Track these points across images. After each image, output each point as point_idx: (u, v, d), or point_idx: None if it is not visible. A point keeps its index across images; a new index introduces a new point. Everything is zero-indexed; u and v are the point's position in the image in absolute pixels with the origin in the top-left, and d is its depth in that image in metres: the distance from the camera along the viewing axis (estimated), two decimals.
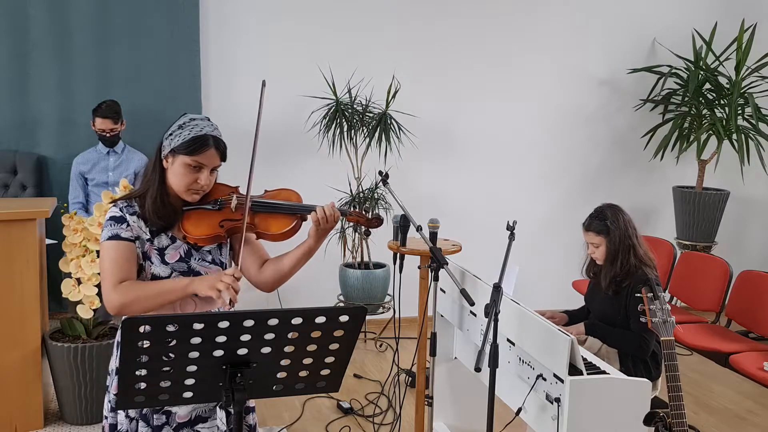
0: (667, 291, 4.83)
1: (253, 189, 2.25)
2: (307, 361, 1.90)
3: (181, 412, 2.22)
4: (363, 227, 2.37)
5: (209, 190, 2.26)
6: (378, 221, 2.37)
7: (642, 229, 3.43)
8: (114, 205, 2.22)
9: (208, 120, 2.25)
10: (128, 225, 2.18)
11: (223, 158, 2.24)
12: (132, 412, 2.21)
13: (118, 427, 2.22)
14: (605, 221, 3.32)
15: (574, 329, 3.31)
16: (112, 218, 2.19)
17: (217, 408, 2.25)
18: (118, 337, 2.30)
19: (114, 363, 2.28)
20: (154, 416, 2.21)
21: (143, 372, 1.77)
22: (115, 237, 2.16)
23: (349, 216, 2.35)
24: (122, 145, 4.86)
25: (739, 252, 6.16)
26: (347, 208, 2.32)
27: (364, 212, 2.34)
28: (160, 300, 2.13)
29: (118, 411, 2.23)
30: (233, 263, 2.33)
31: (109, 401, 2.26)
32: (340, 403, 4.20)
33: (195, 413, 2.24)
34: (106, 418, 2.27)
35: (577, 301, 3.73)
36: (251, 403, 2.39)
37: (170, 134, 2.21)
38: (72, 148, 4.98)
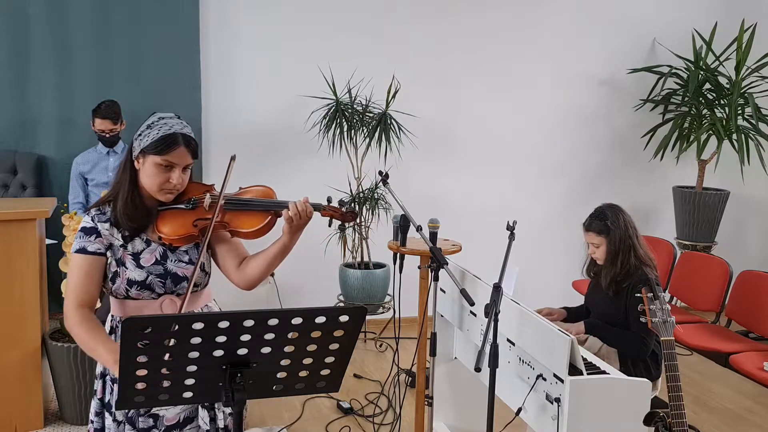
0: (667, 291, 4.83)
1: (230, 187, 2.23)
2: (307, 361, 1.89)
3: (169, 415, 2.21)
4: (338, 221, 2.34)
5: (183, 189, 2.24)
6: (352, 215, 2.32)
7: (642, 229, 3.43)
8: (86, 215, 2.21)
9: (178, 118, 2.22)
10: (98, 236, 2.17)
11: (195, 156, 2.21)
12: (119, 415, 2.20)
13: (105, 431, 2.22)
14: (606, 221, 3.32)
15: (574, 328, 3.31)
16: (82, 229, 2.18)
17: (199, 407, 2.24)
18: None
19: (99, 367, 2.26)
20: (140, 419, 2.20)
21: (143, 372, 1.77)
22: (82, 251, 2.16)
23: (323, 211, 2.30)
24: (122, 145, 4.85)
25: (739, 252, 6.16)
26: (320, 203, 2.30)
27: (339, 205, 2.31)
28: (91, 354, 2.14)
29: (105, 414, 2.22)
30: (212, 262, 2.33)
31: (95, 405, 2.26)
32: (340, 403, 4.20)
33: (183, 415, 2.23)
34: (92, 422, 2.26)
35: (577, 301, 3.73)
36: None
37: (139, 134, 2.19)
38: (72, 148, 4.97)
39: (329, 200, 2.31)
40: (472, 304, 2.79)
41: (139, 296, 2.19)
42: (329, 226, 2.39)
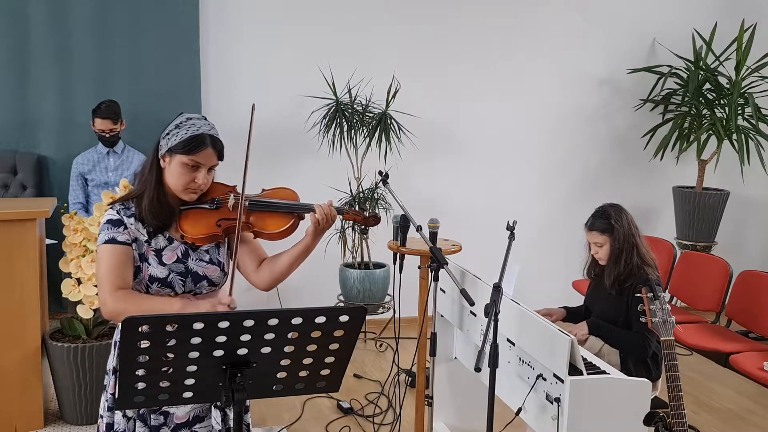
0: (667, 291, 4.83)
1: (251, 188, 2.24)
2: (307, 361, 1.89)
3: (179, 413, 2.23)
4: (360, 225, 2.37)
5: (207, 189, 2.26)
6: (375, 220, 2.37)
7: (642, 229, 3.43)
8: (111, 208, 2.22)
9: (205, 119, 2.25)
10: (125, 228, 2.18)
11: (221, 157, 2.24)
12: (129, 412, 2.21)
13: (115, 427, 2.22)
14: (609, 220, 3.32)
15: (576, 328, 3.30)
16: (109, 221, 2.19)
17: (212, 407, 2.25)
18: (116, 337, 2.30)
19: (111, 362, 2.28)
20: (152, 416, 2.21)
21: (143, 372, 1.77)
22: (112, 241, 2.16)
23: (346, 215, 2.35)
24: (122, 145, 4.86)
25: (739, 252, 6.16)
26: (344, 207, 2.32)
27: (361, 210, 2.34)
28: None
29: (116, 411, 2.23)
30: (230, 264, 2.34)
31: (106, 400, 2.26)
32: (340, 403, 4.20)
33: (193, 413, 2.25)
34: (102, 417, 2.27)
35: (577, 302, 3.73)
36: (246, 402, 2.39)
37: (167, 134, 2.20)
38: (72, 148, 4.97)
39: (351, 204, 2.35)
40: (472, 304, 2.79)
41: (159, 293, 2.20)
42: (352, 230, 2.43)
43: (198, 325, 1.73)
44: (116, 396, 2.07)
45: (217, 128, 2.28)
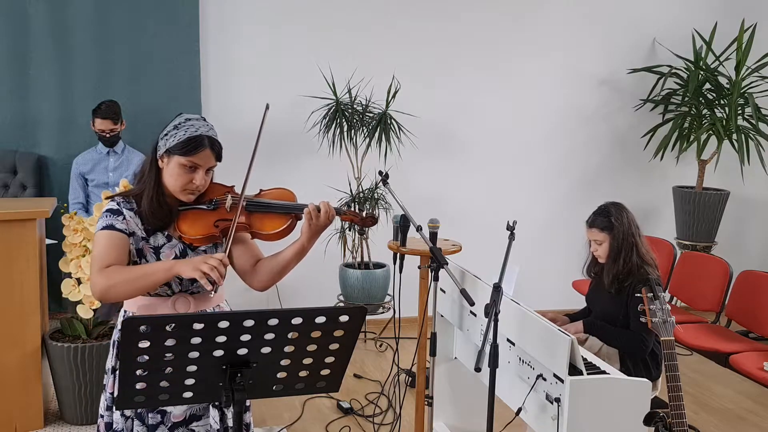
0: (667, 291, 4.83)
1: (249, 189, 2.24)
2: (307, 361, 1.90)
3: (176, 412, 2.23)
4: (357, 226, 2.36)
5: (205, 190, 2.26)
6: (372, 220, 2.36)
7: (642, 229, 3.43)
8: (111, 200, 2.23)
9: (204, 120, 2.25)
10: (124, 218, 2.19)
11: (219, 158, 2.24)
12: (127, 411, 2.21)
13: (114, 426, 2.23)
14: (609, 218, 3.32)
15: (572, 327, 3.31)
16: (108, 210, 2.20)
17: (210, 406, 2.25)
18: (114, 337, 2.30)
19: (110, 362, 2.28)
20: (149, 415, 2.21)
21: (143, 372, 1.77)
22: (110, 227, 2.17)
23: (344, 215, 2.34)
24: (122, 145, 4.85)
25: (739, 252, 6.16)
26: (341, 207, 2.32)
27: (358, 211, 2.33)
28: (144, 282, 2.11)
29: (115, 410, 2.23)
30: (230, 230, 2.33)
31: (105, 400, 2.26)
32: (340, 403, 4.20)
33: (189, 412, 2.25)
34: (102, 416, 2.27)
35: (577, 301, 3.73)
36: (246, 401, 2.39)
37: (165, 134, 2.20)
38: (72, 148, 4.97)
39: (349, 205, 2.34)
40: (472, 304, 2.79)
41: (157, 290, 2.20)
42: (349, 230, 2.43)
43: (198, 325, 1.73)
44: (116, 396, 2.07)
45: (217, 129, 2.28)
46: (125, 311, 2.28)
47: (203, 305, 2.26)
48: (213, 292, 2.09)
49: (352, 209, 2.33)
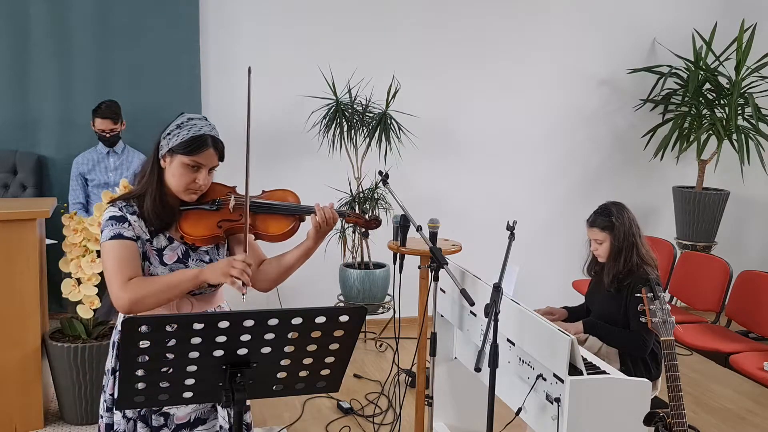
0: (667, 291, 4.83)
1: (251, 189, 2.24)
2: (307, 361, 1.90)
3: (180, 414, 2.22)
4: (361, 228, 2.37)
5: (206, 190, 2.26)
6: (376, 222, 2.37)
7: (642, 229, 3.43)
8: (112, 205, 2.21)
9: (206, 119, 2.25)
10: (130, 224, 2.17)
11: (221, 158, 2.24)
12: (129, 413, 2.20)
13: (115, 427, 2.22)
14: (610, 217, 3.33)
15: (572, 327, 3.31)
16: (112, 218, 2.17)
17: (218, 407, 2.25)
18: (114, 337, 2.30)
19: (110, 363, 2.27)
20: (153, 417, 2.21)
21: (143, 372, 1.77)
22: (118, 236, 2.14)
23: (348, 217, 2.35)
24: (122, 145, 4.86)
25: (739, 252, 6.16)
26: (345, 210, 2.32)
27: (362, 213, 2.34)
28: (171, 293, 2.11)
29: (115, 411, 2.23)
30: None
31: (105, 401, 2.26)
32: (340, 403, 4.20)
33: (194, 415, 2.24)
34: (102, 417, 2.26)
35: (577, 302, 3.73)
36: (246, 401, 2.39)
37: (168, 134, 2.20)
38: (72, 148, 4.97)
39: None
40: (472, 304, 2.79)
41: None
42: (353, 232, 2.43)
43: (198, 325, 1.73)
44: (116, 396, 2.07)
45: (218, 129, 2.28)
46: None
47: (205, 306, 2.26)
48: (244, 294, 2.09)
49: (356, 211, 2.34)
